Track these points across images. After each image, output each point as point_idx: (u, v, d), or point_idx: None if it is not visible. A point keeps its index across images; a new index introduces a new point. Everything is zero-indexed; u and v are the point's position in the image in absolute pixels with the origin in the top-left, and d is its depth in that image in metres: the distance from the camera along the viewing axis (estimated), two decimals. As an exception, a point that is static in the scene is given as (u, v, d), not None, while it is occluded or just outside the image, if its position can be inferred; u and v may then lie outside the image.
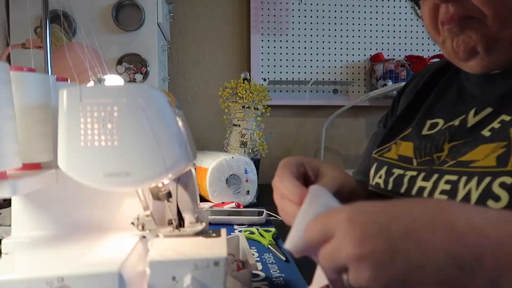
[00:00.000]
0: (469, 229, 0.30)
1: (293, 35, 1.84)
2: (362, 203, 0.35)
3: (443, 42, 0.53)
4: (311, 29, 1.84)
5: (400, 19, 1.87)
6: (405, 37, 1.88)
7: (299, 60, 1.85)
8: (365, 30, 1.86)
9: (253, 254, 0.80)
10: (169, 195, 0.54)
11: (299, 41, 1.84)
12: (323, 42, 1.85)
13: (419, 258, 0.29)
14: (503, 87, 0.51)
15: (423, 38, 1.88)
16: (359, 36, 1.86)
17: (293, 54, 1.84)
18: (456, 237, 0.29)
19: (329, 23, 1.85)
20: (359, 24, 1.86)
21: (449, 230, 0.30)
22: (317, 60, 1.85)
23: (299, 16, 1.84)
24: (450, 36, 0.51)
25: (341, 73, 1.87)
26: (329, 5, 1.84)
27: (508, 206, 0.40)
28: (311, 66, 1.85)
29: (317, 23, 1.85)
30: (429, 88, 0.66)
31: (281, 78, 1.83)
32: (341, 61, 1.86)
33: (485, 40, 0.48)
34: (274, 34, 1.83)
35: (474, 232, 0.30)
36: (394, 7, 1.87)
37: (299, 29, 1.84)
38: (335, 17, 1.85)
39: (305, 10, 1.84)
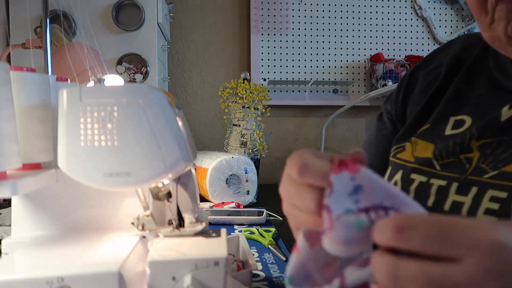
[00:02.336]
0: None
1: (293, 35, 1.84)
2: (507, 224, 0.25)
3: (491, 23, 0.44)
4: (311, 29, 1.84)
5: (400, 19, 1.87)
6: (405, 37, 1.88)
7: (299, 60, 1.85)
8: (365, 30, 1.86)
9: (253, 254, 0.80)
10: (169, 195, 0.54)
11: (299, 41, 1.84)
12: (323, 42, 1.85)
13: None
14: None
15: (423, 38, 1.88)
16: (359, 36, 1.86)
17: (293, 54, 1.84)
18: None
19: (329, 23, 1.85)
20: (359, 24, 1.86)
21: None
22: (317, 60, 1.85)
23: (299, 16, 1.84)
24: (506, 17, 0.42)
25: (341, 73, 1.87)
26: (329, 5, 1.84)
27: None
28: (311, 66, 1.85)
29: (317, 23, 1.85)
30: (451, 75, 0.55)
31: (281, 78, 1.83)
32: (341, 61, 1.86)
33: None
34: (274, 34, 1.83)
35: None
36: (394, 7, 1.87)
37: (299, 29, 1.84)
38: (335, 17, 1.85)
39: (305, 10, 1.84)
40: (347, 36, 1.86)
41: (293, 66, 1.84)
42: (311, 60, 1.85)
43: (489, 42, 0.47)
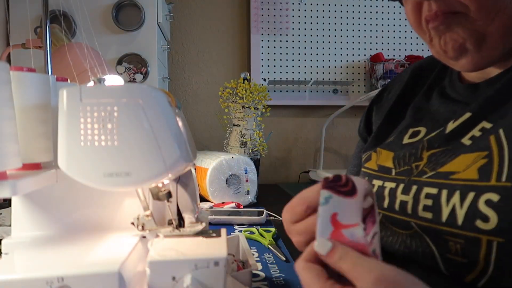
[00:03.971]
0: None
1: (293, 35, 1.84)
2: (391, 269, 0.33)
3: (431, 41, 0.50)
4: (311, 29, 1.84)
5: (400, 19, 1.87)
6: (405, 37, 1.88)
7: (299, 60, 1.85)
8: (365, 30, 1.86)
9: (253, 254, 0.80)
10: (169, 195, 0.54)
11: (299, 41, 1.84)
12: (323, 42, 1.85)
13: None
14: (485, 92, 0.48)
15: (423, 38, 1.88)
16: (359, 36, 1.86)
17: (293, 54, 1.84)
18: None
19: (329, 23, 1.85)
20: (359, 24, 1.86)
21: None
22: (317, 60, 1.85)
23: (299, 16, 1.84)
24: (436, 34, 0.48)
25: (341, 73, 1.87)
26: (329, 5, 1.84)
27: (497, 228, 0.38)
28: (311, 66, 1.85)
29: (317, 23, 1.85)
30: (412, 91, 0.62)
31: (281, 78, 1.83)
32: (341, 61, 1.86)
33: (474, 35, 0.45)
34: (274, 34, 1.83)
35: None
36: (394, 7, 1.87)
37: (299, 29, 1.84)
38: (335, 17, 1.85)
39: (305, 10, 1.84)
40: (347, 36, 1.86)
41: (293, 66, 1.84)
42: (311, 60, 1.85)
43: (436, 57, 0.52)
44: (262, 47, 1.82)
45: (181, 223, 0.57)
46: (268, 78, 1.82)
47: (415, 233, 0.47)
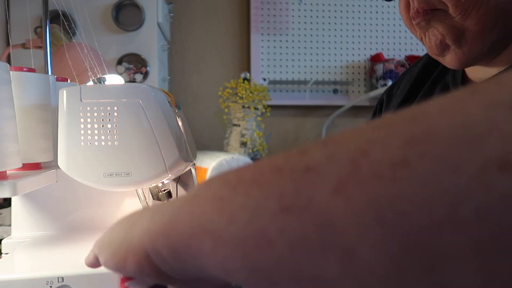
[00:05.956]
0: None
1: (293, 35, 1.84)
2: None
3: (422, 39, 0.51)
4: (311, 29, 1.84)
5: (400, 19, 1.87)
6: (405, 37, 1.88)
7: (299, 60, 1.85)
8: (365, 30, 1.86)
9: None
10: (169, 195, 0.54)
11: (299, 41, 1.84)
12: (323, 42, 1.85)
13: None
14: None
15: (423, 38, 1.89)
16: (359, 36, 1.86)
17: (293, 54, 1.84)
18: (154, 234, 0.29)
19: (329, 23, 1.85)
20: (359, 24, 1.86)
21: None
22: (317, 60, 1.85)
23: (299, 16, 1.84)
24: (421, 31, 0.50)
25: (341, 73, 1.87)
26: (329, 5, 1.84)
27: None
28: (311, 66, 1.85)
29: (317, 23, 1.85)
30: (420, 86, 0.63)
31: (281, 78, 1.83)
32: (341, 61, 1.86)
33: (452, 31, 0.47)
34: (274, 34, 1.83)
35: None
36: (395, 7, 1.87)
37: (299, 29, 1.84)
38: (335, 17, 1.85)
39: (305, 10, 1.84)
40: (347, 36, 1.86)
41: (293, 66, 1.84)
42: (311, 60, 1.85)
43: (430, 55, 0.53)
44: (262, 47, 1.82)
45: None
46: (268, 78, 1.82)
47: None
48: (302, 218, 0.16)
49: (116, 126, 0.44)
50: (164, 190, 0.54)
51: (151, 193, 0.55)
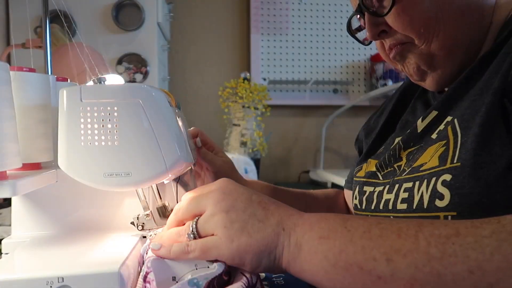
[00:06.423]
0: (296, 212, 0.41)
1: (293, 35, 1.84)
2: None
3: (402, 70, 0.57)
4: (311, 29, 1.84)
5: (400, 19, 1.87)
6: (405, 37, 1.88)
7: (299, 60, 1.85)
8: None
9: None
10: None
11: (299, 41, 1.84)
12: (323, 42, 1.85)
13: (261, 216, 0.40)
14: (448, 91, 0.53)
15: (423, 38, 1.88)
16: (359, 36, 1.86)
17: (293, 54, 1.84)
18: (288, 213, 0.40)
19: (329, 23, 1.85)
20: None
21: (288, 209, 0.41)
22: (317, 60, 1.85)
23: (299, 16, 1.84)
24: (399, 63, 0.56)
25: (341, 73, 1.87)
26: (329, 5, 1.84)
27: (450, 204, 0.42)
28: (311, 66, 1.85)
29: (317, 23, 1.85)
30: (402, 107, 0.68)
31: (281, 78, 1.83)
32: (341, 61, 1.86)
33: (423, 58, 0.52)
34: (274, 34, 1.83)
35: (298, 214, 0.41)
36: (394, 7, 1.87)
37: (299, 29, 1.84)
38: (335, 17, 1.85)
39: (305, 10, 1.84)
40: (347, 36, 1.86)
41: (293, 66, 1.84)
42: (311, 60, 1.85)
43: (413, 81, 0.59)
44: (262, 47, 1.82)
45: (181, 223, 0.57)
46: (268, 78, 1.81)
47: None
48: None
49: (116, 126, 0.44)
50: (172, 210, 0.54)
51: (159, 213, 0.55)
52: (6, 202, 0.96)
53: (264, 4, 1.81)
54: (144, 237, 0.55)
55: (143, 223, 0.55)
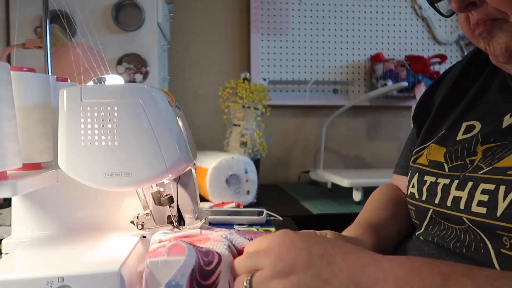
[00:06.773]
0: (371, 260, 0.37)
1: (293, 35, 1.84)
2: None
3: (485, 49, 0.50)
4: (311, 29, 1.84)
5: (400, 19, 1.87)
6: (405, 37, 1.88)
7: (299, 60, 1.84)
8: (365, 30, 1.86)
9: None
10: (171, 200, 0.54)
11: (299, 41, 1.84)
12: (323, 42, 1.85)
13: (327, 275, 0.36)
14: None
15: (423, 38, 1.88)
16: (359, 36, 1.86)
17: (293, 54, 1.84)
18: (361, 264, 0.36)
19: (329, 23, 1.85)
20: (359, 24, 1.86)
21: (360, 257, 0.37)
22: (317, 60, 1.85)
23: (299, 16, 1.84)
24: (484, 41, 0.49)
25: (341, 73, 1.87)
26: (329, 5, 1.84)
27: None
28: (311, 66, 1.85)
29: (317, 23, 1.85)
30: (464, 82, 0.61)
31: (281, 78, 1.83)
32: (341, 61, 1.86)
33: None
34: (274, 34, 1.83)
35: (375, 263, 0.36)
36: (394, 7, 1.87)
37: (299, 29, 1.84)
38: (335, 17, 1.85)
39: (305, 10, 1.84)
40: (347, 36, 1.86)
41: (293, 66, 1.84)
42: (311, 60, 1.85)
43: (495, 63, 0.52)
44: (262, 47, 1.82)
45: (181, 222, 0.57)
46: (268, 78, 1.81)
47: (468, 228, 0.47)
48: None
49: (116, 126, 0.44)
50: (166, 195, 0.54)
51: (153, 199, 0.55)
52: (6, 202, 0.95)
53: (264, 4, 1.81)
54: (144, 236, 0.55)
55: (143, 222, 0.55)
